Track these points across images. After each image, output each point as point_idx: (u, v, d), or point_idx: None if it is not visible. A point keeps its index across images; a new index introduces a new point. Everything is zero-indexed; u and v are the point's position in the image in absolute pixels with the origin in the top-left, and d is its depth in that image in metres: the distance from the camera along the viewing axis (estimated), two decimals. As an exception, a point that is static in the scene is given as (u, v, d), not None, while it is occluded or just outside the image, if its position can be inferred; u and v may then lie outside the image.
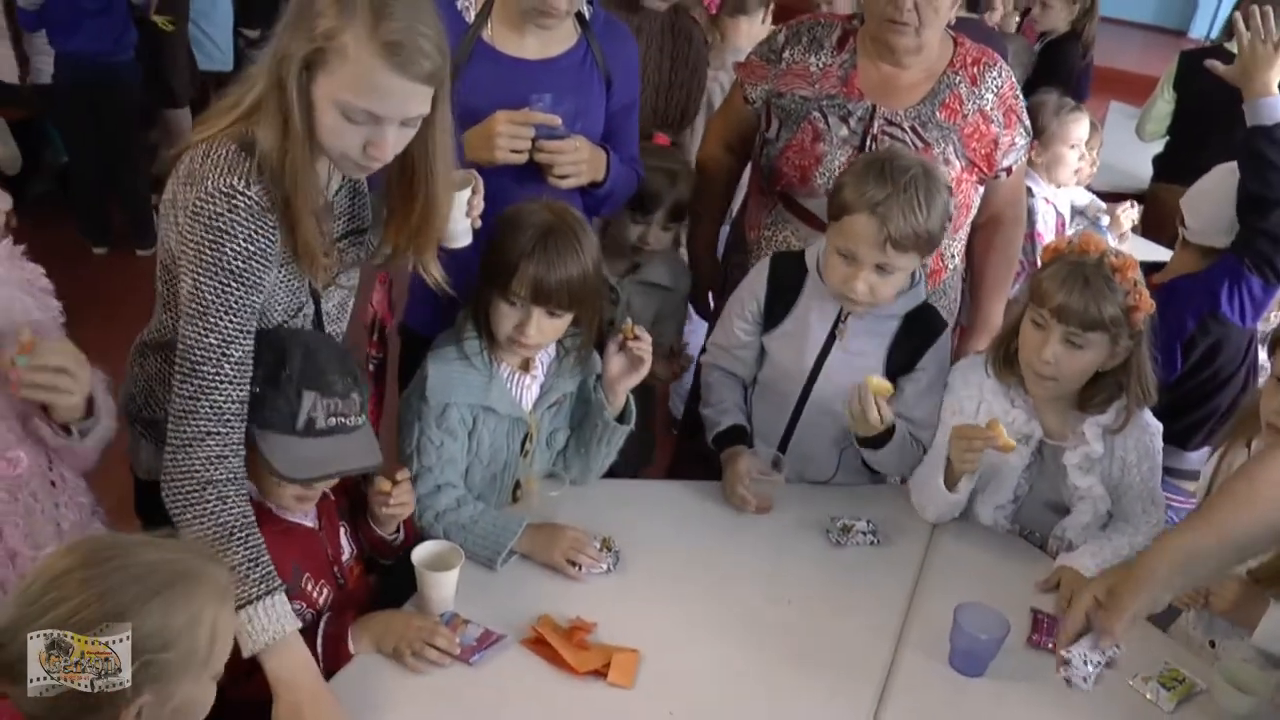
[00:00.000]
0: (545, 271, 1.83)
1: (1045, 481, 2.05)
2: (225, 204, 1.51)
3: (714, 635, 1.78)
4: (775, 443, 2.23)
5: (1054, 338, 1.89)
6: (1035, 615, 1.89)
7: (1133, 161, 4.52)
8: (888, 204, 1.94)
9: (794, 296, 2.17)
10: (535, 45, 2.14)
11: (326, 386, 1.60)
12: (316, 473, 1.64)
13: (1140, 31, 10.33)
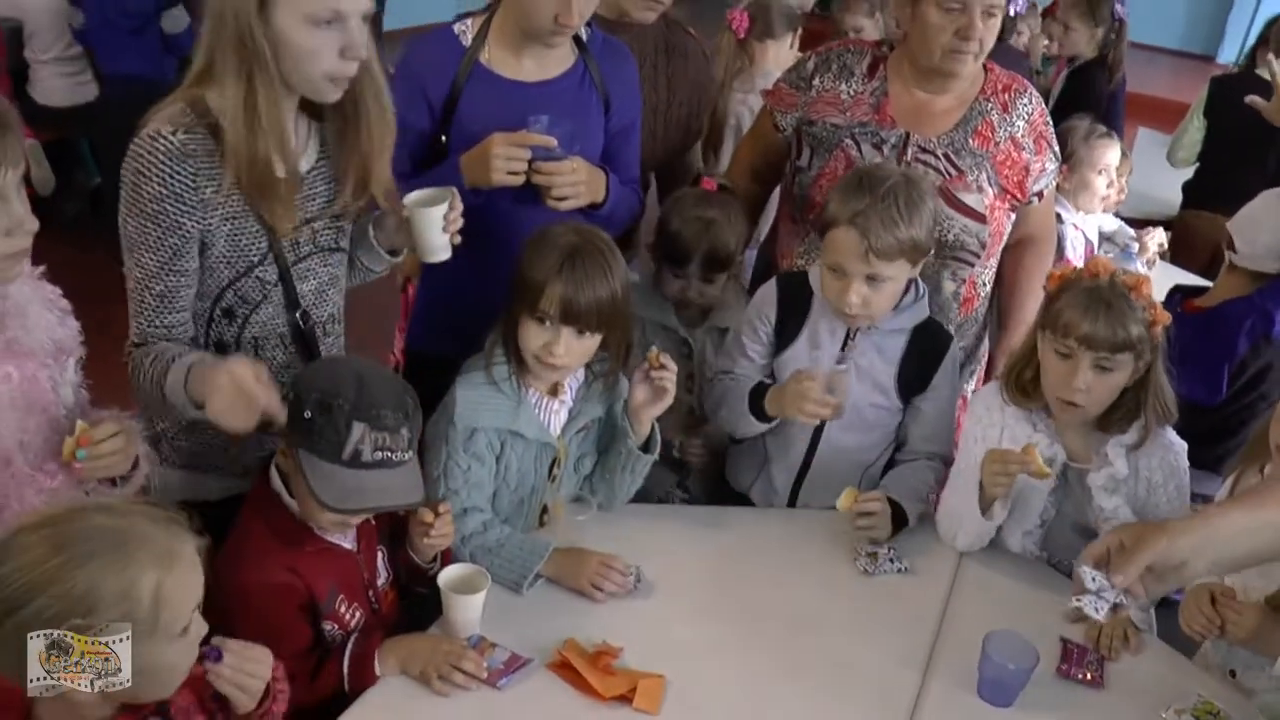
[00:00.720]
0: (574, 291, 1.84)
1: (1071, 505, 2.04)
2: (147, 145, 1.63)
3: (740, 661, 1.78)
4: (794, 472, 2.23)
5: (1084, 365, 1.88)
6: (1065, 645, 1.87)
7: (1161, 188, 4.49)
8: (866, 214, 1.97)
9: (803, 318, 2.17)
10: (533, 67, 2.16)
11: (377, 420, 1.62)
12: (357, 505, 1.65)
13: (1168, 57, 10.28)
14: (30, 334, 1.50)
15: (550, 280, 1.84)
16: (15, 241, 1.39)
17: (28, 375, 1.48)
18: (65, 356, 1.56)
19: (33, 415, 1.48)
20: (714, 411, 2.24)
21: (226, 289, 1.76)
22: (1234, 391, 2.44)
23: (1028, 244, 2.52)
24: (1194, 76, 8.38)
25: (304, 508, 1.69)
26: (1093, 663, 1.83)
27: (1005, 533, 2.08)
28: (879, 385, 2.16)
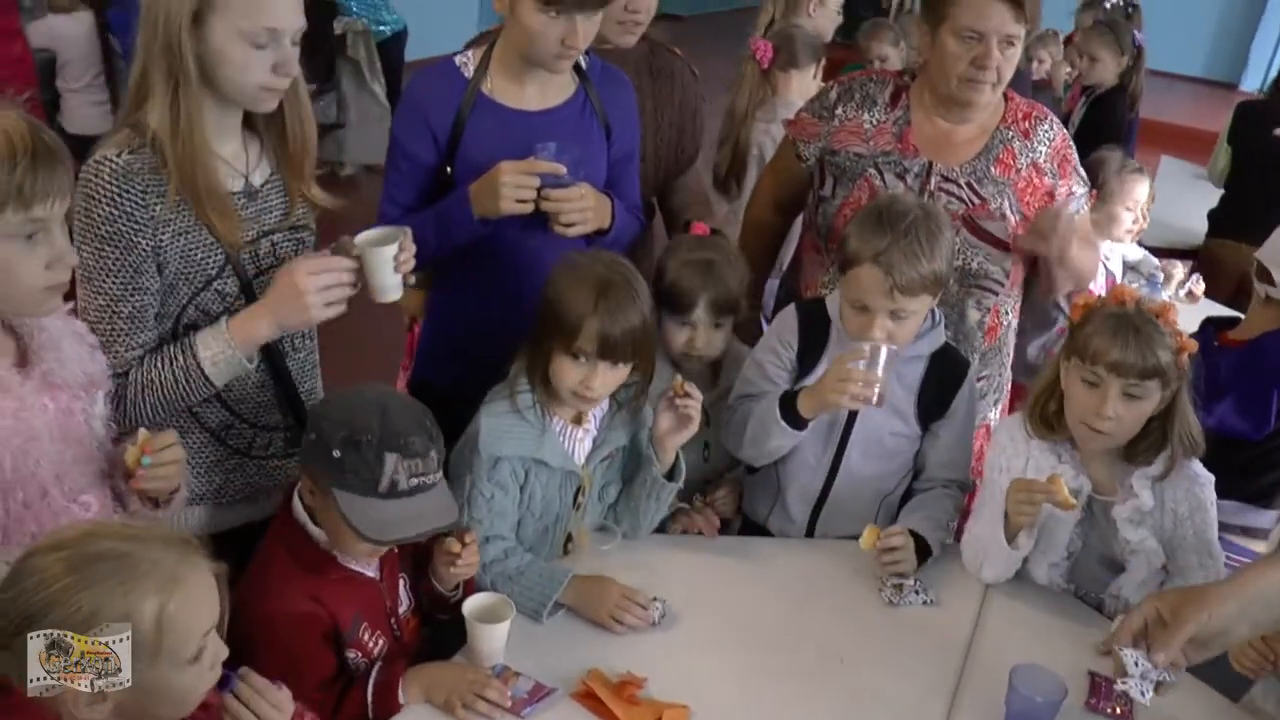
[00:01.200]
0: (610, 325, 1.85)
1: (1097, 537, 2.02)
2: (93, 170, 1.66)
3: (765, 692, 1.77)
4: (812, 501, 2.22)
5: (1113, 393, 1.87)
6: (1093, 679, 1.85)
7: (1185, 217, 4.48)
8: (889, 253, 1.97)
9: (822, 347, 2.17)
10: (535, 95, 2.17)
11: (406, 448, 1.62)
12: (400, 535, 1.65)
13: (1190, 85, 10.27)
14: (65, 367, 1.52)
15: (586, 318, 1.84)
16: (55, 274, 1.41)
17: (62, 407, 1.50)
18: (95, 390, 1.58)
19: (69, 447, 1.50)
20: (736, 435, 2.18)
21: (187, 305, 1.77)
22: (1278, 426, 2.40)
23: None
24: (1217, 104, 8.37)
25: (338, 540, 1.70)
26: (1121, 697, 1.80)
27: (1031, 564, 2.06)
28: (899, 412, 2.16)
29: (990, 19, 2.19)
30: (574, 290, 1.87)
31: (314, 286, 1.72)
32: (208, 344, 1.73)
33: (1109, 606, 2.04)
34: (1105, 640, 1.67)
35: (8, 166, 1.32)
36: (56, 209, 1.38)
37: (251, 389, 1.86)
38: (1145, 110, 5.01)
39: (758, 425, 2.12)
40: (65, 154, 1.41)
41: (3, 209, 1.33)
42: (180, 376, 1.73)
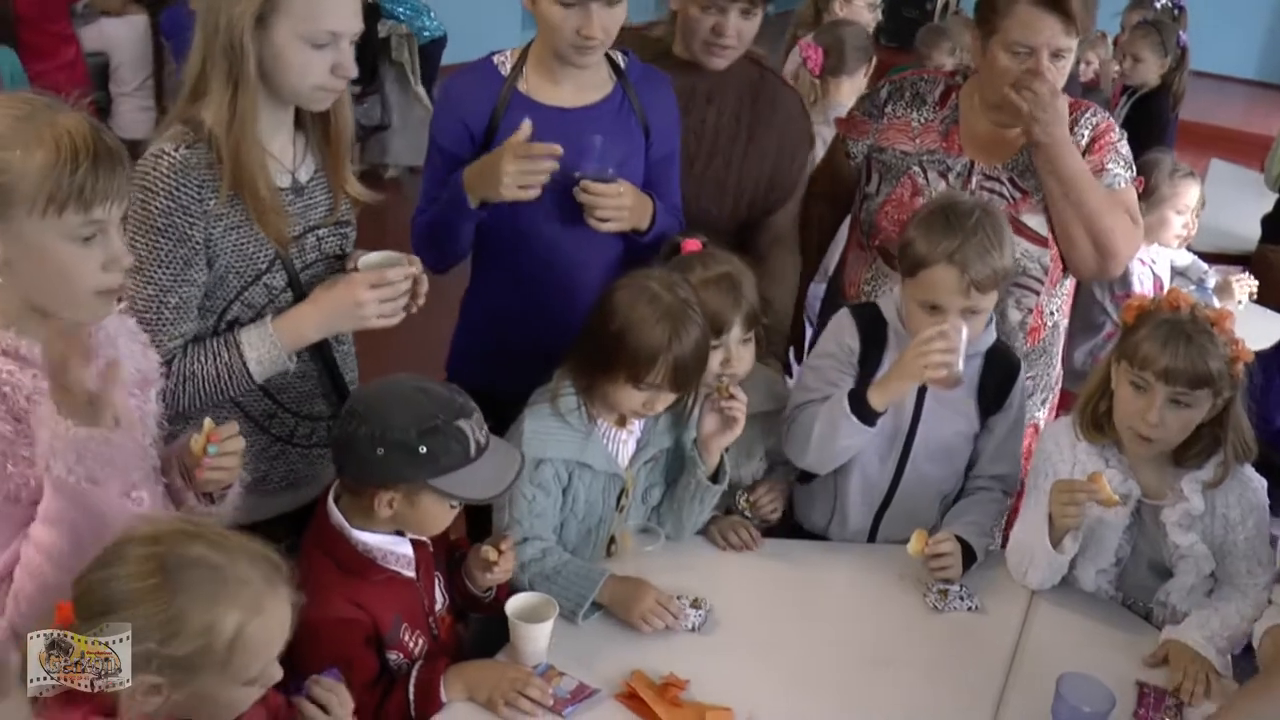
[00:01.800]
0: (684, 358, 1.86)
1: (1146, 542, 2.00)
2: (151, 164, 1.70)
3: (808, 696, 1.76)
4: (875, 507, 2.20)
5: (1159, 400, 1.85)
6: (1141, 689, 1.83)
7: (1236, 222, 4.40)
8: (964, 250, 1.97)
9: (881, 350, 2.15)
10: (572, 93, 2.16)
11: (465, 409, 1.69)
12: (504, 485, 1.72)
13: (1243, 87, 10.09)
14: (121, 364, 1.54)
15: (661, 354, 1.84)
16: (110, 277, 1.42)
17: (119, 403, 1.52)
18: (149, 387, 1.60)
19: None
20: (800, 442, 2.12)
21: (233, 301, 1.80)
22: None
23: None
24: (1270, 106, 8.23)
25: (427, 526, 1.74)
26: (1171, 708, 1.78)
27: (1079, 571, 2.04)
28: (961, 411, 2.15)
29: (1041, 33, 2.17)
30: (647, 325, 1.85)
31: (373, 298, 1.77)
32: (253, 344, 1.77)
33: (1157, 615, 2.01)
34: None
35: (70, 168, 1.33)
36: (114, 211, 1.40)
37: (294, 378, 1.89)
38: (1196, 113, 4.95)
39: (826, 426, 2.08)
40: (125, 156, 1.42)
41: (63, 210, 1.34)
42: (224, 373, 1.77)
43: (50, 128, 1.34)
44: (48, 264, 1.37)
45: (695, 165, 2.36)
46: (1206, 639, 1.87)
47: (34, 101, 1.38)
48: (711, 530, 2.15)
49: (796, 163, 2.49)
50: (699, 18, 2.25)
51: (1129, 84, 4.84)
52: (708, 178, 2.38)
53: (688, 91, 2.32)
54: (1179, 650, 1.87)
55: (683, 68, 2.32)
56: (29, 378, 1.38)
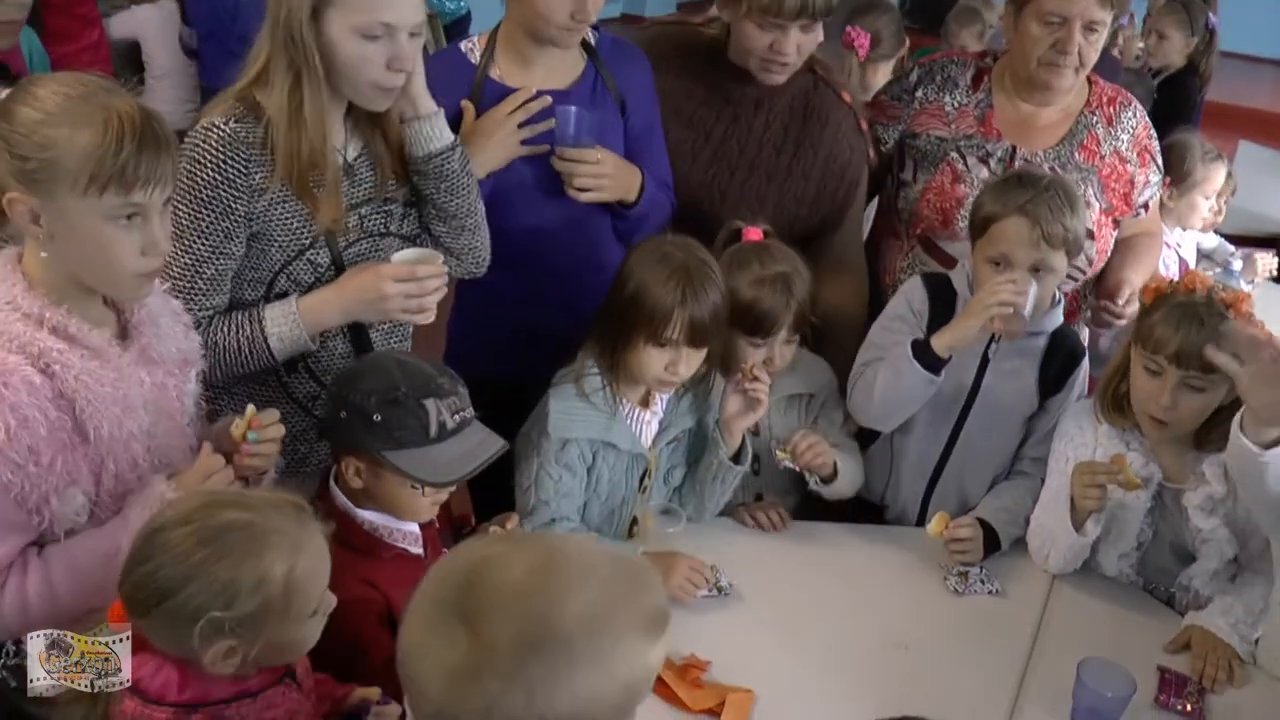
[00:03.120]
0: (698, 311, 1.87)
1: (1168, 526, 1.99)
2: (202, 136, 1.72)
3: (829, 678, 1.77)
4: (928, 475, 2.20)
5: (1171, 383, 1.84)
6: (1163, 674, 1.82)
7: (1266, 204, 4.35)
8: (1036, 202, 1.98)
9: (948, 317, 2.13)
10: (545, 75, 2.12)
11: (439, 390, 1.66)
12: (463, 471, 1.67)
13: (1273, 68, 9.96)
14: (162, 343, 1.56)
15: (675, 308, 1.86)
16: (149, 261, 1.44)
17: (157, 382, 1.54)
18: (189, 368, 1.62)
19: (161, 420, 1.54)
20: (864, 396, 2.11)
21: (279, 273, 1.81)
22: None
23: (1135, 236, 2.48)
24: (1300, 88, 8.11)
25: (398, 507, 1.70)
26: (1192, 694, 1.78)
27: (1100, 555, 2.04)
28: (1021, 386, 2.14)
29: (1076, 3, 2.16)
30: (659, 281, 1.87)
31: (397, 292, 1.77)
32: (276, 321, 1.79)
33: (1179, 600, 2.01)
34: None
35: (115, 149, 1.35)
36: (156, 196, 1.41)
37: (338, 360, 1.90)
38: (1224, 94, 4.89)
39: (890, 375, 2.06)
40: (173, 143, 1.44)
41: (104, 190, 1.36)
42: (245, 346, 1.79)
43: (102, 110, 1.36)
44: (87, 242, 1.40)
45: (735, 175, 2.28)
46: (1230, 625, 1.87)
47: (90, 83, 1.40)
48: (740, 511, 2.15)
49: (844, 181, 2.32)
50: (755, 35, 2.12)
51: (1154, 64, 4.78)
52: (747, 189, 2.28)
53: (736, 97, 2.26)
54: (1201, 636, 1.87)
55: (734, 72, 2.24)
56: (77, 358, 1.41)
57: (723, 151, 2.27)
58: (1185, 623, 1.92)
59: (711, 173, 2.27)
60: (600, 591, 1.02)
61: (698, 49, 2.28)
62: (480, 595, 1.00)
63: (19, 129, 1.36)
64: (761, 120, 2.27)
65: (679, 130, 2.27)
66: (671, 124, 2.26)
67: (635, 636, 1.01)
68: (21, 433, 1.35)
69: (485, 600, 1.00)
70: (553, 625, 0.98)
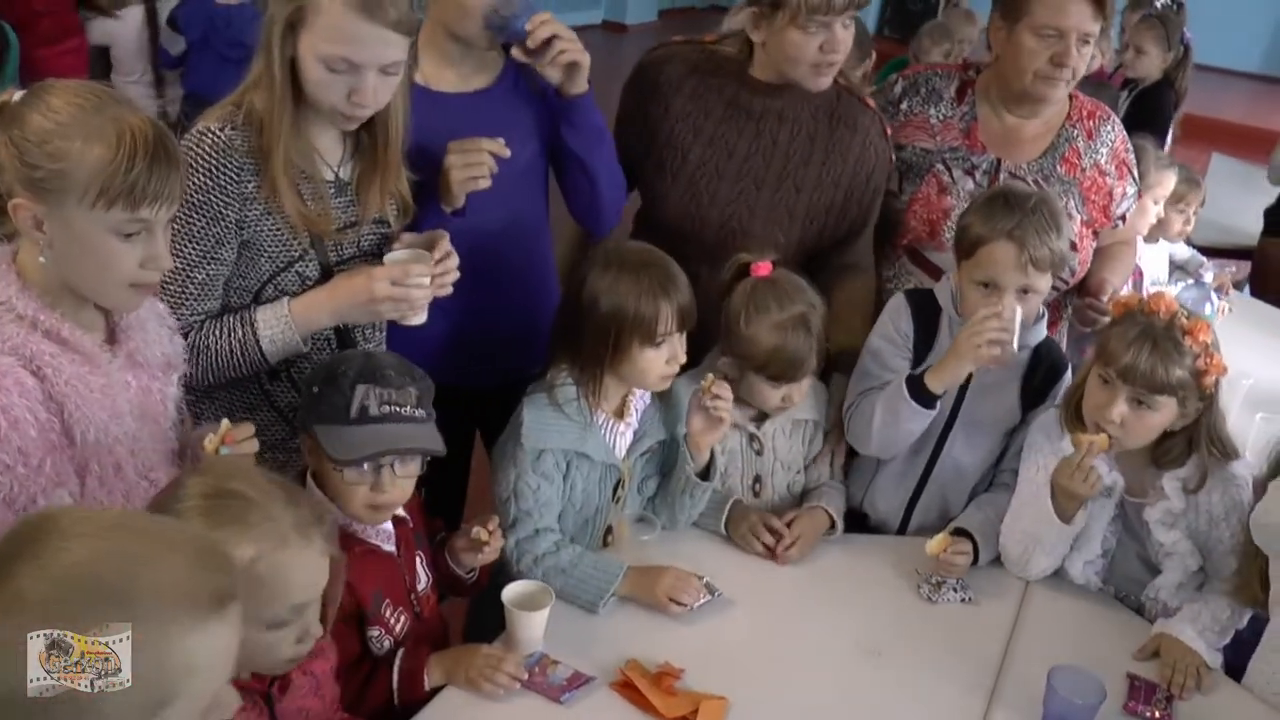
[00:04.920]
0: (681, 298, 1.91)
1: (1132, 537, 2.02)
2: (196, 140, 1.74)
3: (803, 684, 1.78)
4: (910, 490, 2.22)
5: (1120, 397, 1.86)
6: (1132, 681, 1.84)
7: (1239, 215, 4.41)
8: (1023, 227, 1.98)
9: (934, 335, 2.16)
10: (466, 77, 2.09)
11: (381, 379, 1.67)
12: (367, 452, 1.65)
13: (1246, 81, 10.07)
14: (149, 347, 1.57)
15: (660, 305, 1.88)
16: (147, 274, 1.45)
17: (142, 386, 1.55)
18: (172, 371, 1.63)
19: (145, 424, 1.55)
20: (863, 429, 2.13)
21: (267, 283, 1.82)
22: None
23: (1116, 243, 2.52)
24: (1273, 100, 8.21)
25: (334, 493, 1.70)
26: (1161, 700, 1.80)
27: (1067, 563, 2.06)
28: (1003, 400, 2.16)
29: (1071, 16, 2.18)
30: (633, 289, 1.88)
31: (388, 294, 1.77)
32: (268, 323, 1.80)
33: (1149, 609, 2.03)
34: None
35: (126, 165, 1.35)
36: (163, 214, 1.42)
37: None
38: (1197, 106, 4.94)
39: (887, 412, 2.08)
40: (182, 162, 1.45)
41: (111, 205, 1.36)
42: (237, 349, 1.79)
43: (114, 124, 1.37)
44: (88, 253, 1.41)
45: (763, 190, 2.26)
46: (1197, 633, 1.89)
47: (104, 95, 1.41)
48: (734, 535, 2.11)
49: (870, 188, 2.32)
50: (803, 41, 2.08)
51: (1131, 76, 4.84)
52: (777, 202, 2.26)
53: (758, 112, 2.24)
54: (1170, 643, 1.88)
55: (758, 88, 2.23)
56: (69, 362, 1.42)
57: (748, 168, 2.25)
58: (1154, 630, 1.93)
59: (739, 189, 2.25)
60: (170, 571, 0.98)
61: (713, 67, 2.26)
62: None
63: (30, 137, 1.36)
64: (786, 133, 2.25)
65: (701, 150, 2.24)
66: (693, 145, 2.25)
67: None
68: (12, 434, 1.35)
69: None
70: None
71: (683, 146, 2.24)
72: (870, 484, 2.24)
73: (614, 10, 11.29)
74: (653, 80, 2.27)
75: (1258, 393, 2.70)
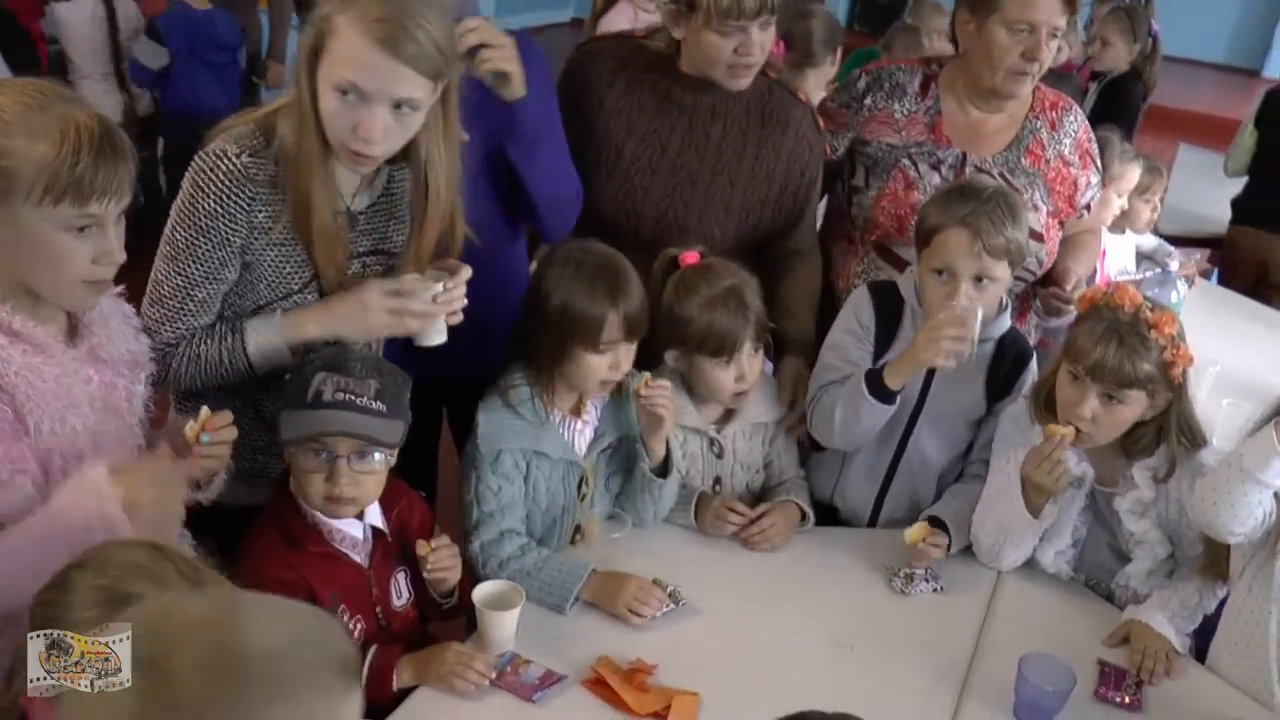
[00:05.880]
0: (629, 307, 1.89)
1: (1102, 526, 2.03)
2: (211, 162, 1.68)
3: (775, 679, 1.77)
4: (879, 482, 2.22)
5: (1091, 394, 1.88)
6: (1102, 668, 1.85)
7: (1207, 205, 4.44)
8: (977, 214, 2.00)
9: (896, 327, 2.17)
10: None
11: (343, 370, 1.69)
12: (307, 431, 1.67)
13: (1212, 71, 10.17)
14: (112, 344, 1.56)
15: (608, 312, 1.87)
16: (99, 270, 1.44)
17: (106, 381, 1.54)
18: (139, 370, 1.62)
19: (109, 420, 1.54)
20: (825, 423, 2.12)
21: (263, 307, 1.80)
22: None
23: (1081, 233, 2.53)
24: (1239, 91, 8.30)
25: (300, 489, 1.73)
26: (1130, 686, 1.81)
27: (1039, 552, 2.06)
28: (969, 392, 2.16)
29: (1042, 10, 2.19)
30: (583, 291, 1.87)
31: (382, 307, 1.74)
32: (258, 330, 1.77)
33: (1119, 597, 2.04)
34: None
35: (71, 160, 1.34)
36: (112, 208, 1.40)
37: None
38: (1164, 97, 4.98)
39: (848, 408, 2.08)
40: (131, 155, 1.43)
41: (59, 201, 1.35)
42: (225, 357, 1.77)
43: (59, 120, 1.35)
44: (40, 250, 1.39)
45: (698, 185, 2.25)
46: (1167, 619, 1.90)
47: (50, 92, 1.39)
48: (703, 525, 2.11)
49: (805, 181, 2.32)
50: (720, 42, 2.08)
51: (1098, 69, 4.87)
52: (711, 196, 2.26)
53: (689, 107, 2.23)
54: (1139, 630, 1.89)
55: (687, 83, 2.22)
56: (19, 353, 1.41)
57: (681, 162, 2.24)
58: (1124, 617, 1.95)
59: (673, 184, 2.25)
60: (289, 624, 0.97)
61: (644, 62, 2.25)
62: (159, 634, 0.93)
63: None
64: (719, 128, 2.25)
65: (635, 145, 2.24)
66: (627, 140, 2.24)
67: (329, 677, 0.96)
68: None
69: (165, 637, 0.93)
70: (239, 653, 0.91)
71: (617, 142, 2.24)
72: (839, 477, 2.24)
73: (582, 8, 11.28)
74: (585, 76, 2.27)
75: (1225, 379, 2.72)
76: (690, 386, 2.13)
